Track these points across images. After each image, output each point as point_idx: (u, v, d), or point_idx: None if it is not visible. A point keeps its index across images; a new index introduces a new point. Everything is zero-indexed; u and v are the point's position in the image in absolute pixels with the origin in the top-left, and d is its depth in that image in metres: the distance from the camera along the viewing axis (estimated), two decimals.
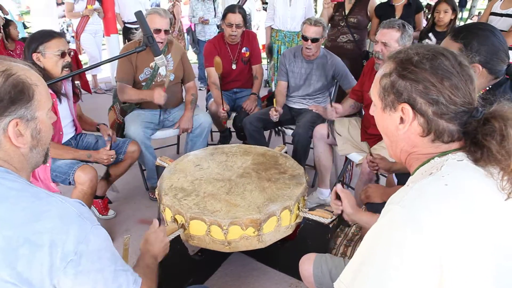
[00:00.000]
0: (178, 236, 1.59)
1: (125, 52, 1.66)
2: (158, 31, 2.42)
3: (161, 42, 2.47)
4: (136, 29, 4.24)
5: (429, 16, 3.46)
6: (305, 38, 2.58)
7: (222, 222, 1.52)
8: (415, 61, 0.80)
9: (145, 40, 1.43)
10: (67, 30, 9.10)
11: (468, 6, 21.39)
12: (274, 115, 2.60)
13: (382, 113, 0.87)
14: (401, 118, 0.83)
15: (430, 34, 3.13)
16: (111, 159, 2.18)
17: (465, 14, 20.35)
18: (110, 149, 2.20)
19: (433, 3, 3.77)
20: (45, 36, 1.95)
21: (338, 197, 1.34)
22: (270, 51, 2.99)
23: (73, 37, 8.19)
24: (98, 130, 2.38)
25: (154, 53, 1.50)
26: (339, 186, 1.35)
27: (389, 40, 2.06)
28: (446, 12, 3.12)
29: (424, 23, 3.79)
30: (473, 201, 0.73)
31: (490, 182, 0.76)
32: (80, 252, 0.74)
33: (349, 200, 1.30)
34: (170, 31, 2.57)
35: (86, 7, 4.91)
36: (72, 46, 6.67)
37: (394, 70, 0.83)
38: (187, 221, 1.58)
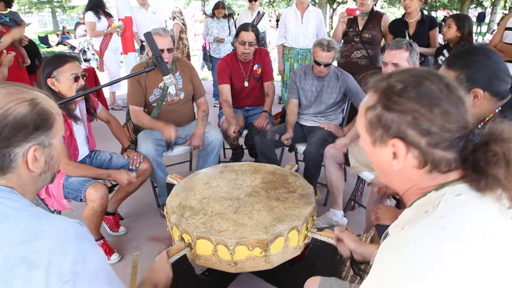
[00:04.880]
0: (185, 255, 1.58)
1: (136, 72, 1.69)
2: (161, 51, 2.46)
3: (166, 62, 2.51)
4: None
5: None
6: (317, 63, 2.59)
7: (229, 242, 1.51)
8: (399, 89, 0.74)
9: (154, 60, 1.46)
10: (88, 48, 9.40)
11: (487, 20, 21.16)
12: (286, 140, 2.62)
13: (372, 148, 0.81)
14: (394, 153, 0.76)
15: (445, 51, 3.10)
16: (130, 183, 2.21)
17: (484, 28, 20.15)
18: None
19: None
20: (58, 61, 1.99)
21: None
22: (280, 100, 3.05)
23: (93, 54, 8.47)
24: (124, 150, 2.43)
25: (162, 72, 1.52)
26: (336, 230, 1.34)
27: (400, 60, 2.12)
28: (449, 27, 3.08)
29: (441, 38, 3.75)
30: (476, 240, 0.66)
31: (496, 208, 0.70)
32: (77, 272, 0.74)
33: (349, 238, 1.28)
34: (174, 49, 2.60)
35: (110, 25, 5.08)
36: (93, 63, 6.89)
37: (378, 101, 0.76)
38: (193, 240, 1.57)
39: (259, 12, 5.45)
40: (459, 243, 0.65)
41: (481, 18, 20.68)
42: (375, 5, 3.56)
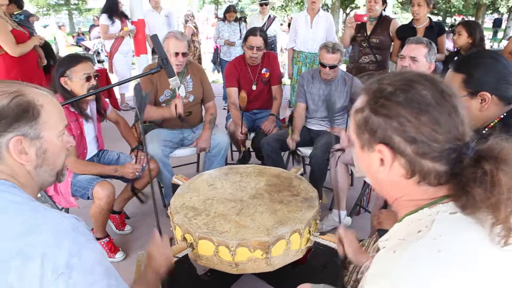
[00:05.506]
0: (187, 255, 1.59)
1: (141, 74, 1.73)
2: (176, 54, 2.51)
3: (180, 65, 2.55)
4: None
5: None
6: (323, 65, 2.60)
7: (230, 243, 1.52)
8: (388, 93, 0.70)
9: (160, 62, 1.49)
10: (102, 50, 9.55)
11: (503, 26, 20.82)
12: (291, 143, 2.62)
13: (361, 152, 0.77)
14: (381, 160, 0.72)
15: (456, 58, 3.07)
16: (136, 173, 2.25)
17: (500, 34, 19.83)
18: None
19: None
20: (71, 61, 2.05)
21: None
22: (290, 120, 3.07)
23: (106, 56, 8.62)
24: (132, 151, 2.48)
25: (168, 74, 1.55)
26: (341, 229, 1.32)
27: (418, 55, 2.10)
28: (460, 34, 3.05)
29: (450, 45, 3.71)
30: (471, 263, 0.62)
31: (482, 233, 0.65)
32: (72, 266, 0.75)
33: (350, 244, 1.26)
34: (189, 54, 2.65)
35: (122, 29, 5.16)
36: (106, 65, 7.01)
37: (366, 104, 0.73)
38: (195, 240, 1.58)
39: (270, 16, 5.48)
40: (455, 269, 0.61)
41: (497, 24, 20.36)
42: (384, 10, 3.54)
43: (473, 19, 19.08)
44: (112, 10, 5.08)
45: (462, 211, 0.66)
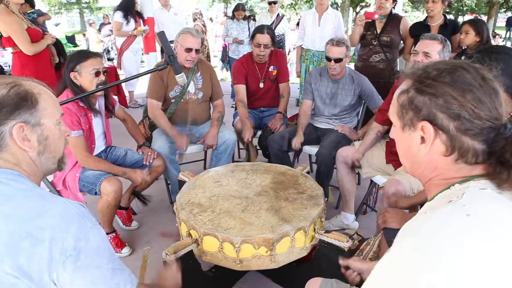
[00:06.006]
0: (191, 251, 1.60)
1: (148, 70, 1.74)
2: (189, 50, 2.52)
3: (192, 61, 2.57)
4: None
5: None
6: (328, 59, 2.59)
7: (234, 239, 1.52)
8: (434, 75, 0.76)
9: (167, 58, 1.50)
10: (112, 48, 9.63)
11: None
12: (295, 145, 2.64)
13: (401, 133, 0.82)
14: (422, 138, 0.77)
15: (463, 58, 3.02)
16: (144, 182, 2.28)
17: None
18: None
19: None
20: (81, 56, 2.08)
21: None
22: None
23: (116, 54, 8.69)
24: (139, 147, 2.50)
25: (175, 71, 1.56)
26: (340, 261, 1.31)
27: (432, 50, 2.08)
28: (467, 33, 3.01)
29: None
30: (500, 232, 0.64)
31: None
32: (79, 248, 0.78)
33: (357, 262, 1.26)
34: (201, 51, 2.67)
35: (136, 28, 5.19)
36: (115, 63, 7.07)
37: (411, 86, 0.79)
38: (200, 236, 1.59)
39: (278, 14, 5.47)
40: (483, 231, 0.63)
41: (510, 23, 20.00)
42: (394, 7, 3.50)
43: (486, 17, 18.78)
44: (128, 9, 5.09)
45: (499, 187, 0.71)
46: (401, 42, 3.55)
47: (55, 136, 0.95)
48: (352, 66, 3.58)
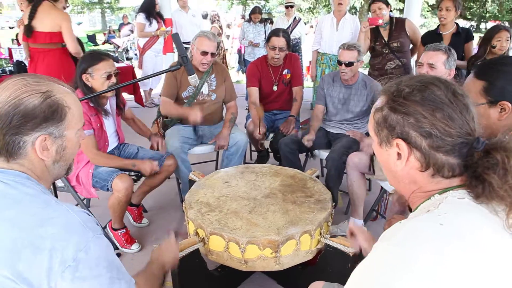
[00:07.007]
0: (198, 250, 1.63)
1: (162, 70, 1.77)
2: (205, 53, 2.56)
3: (207, 64, 2.61)
4: None
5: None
6: (339, 63, 2.60)
7: (240, 240, 1.54)
8: (406, 93, 0.77)
9: (180, 60, 1.53)
10: (131, 47, 9.81)
11: None
12: (307, 141, 2.64)
13: (379, 148, 0.85)
14: (398, 154, 0.80)
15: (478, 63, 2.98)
16: (153, 172, 2.30)
17: None
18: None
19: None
20: (94, 58, 2.11)
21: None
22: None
23: (135, 54, 8.85)
24: (149, 138, 2.56)
25: (187, 72, 1.59)
26: (351, 222, 1.32)
27: (437, 62, 2.07)
28: (507, 40, 2.96)
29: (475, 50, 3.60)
30: (471, 241, 0.66)
31: (494, 220, 0.69)
32: (79, 259, 0.79)
33: (364, 236, 1.26)
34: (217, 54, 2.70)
35: (159, 29, 5.26)
36: (134, 62, 7.19)
37: (385, 103, 0.81)
38: (207, 235, 1.62)
39: (295, 18, 5.48)
40: (455, 240, 0.65)
41: None
42: (391, 11, 3.50)
43: (508, 24, 18.35)
44: (150, 10, 5.16)
45: (476, 199, 0.72)
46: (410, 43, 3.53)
47: (73, 145, 0.95)
48: (365, 72, 3.56)
